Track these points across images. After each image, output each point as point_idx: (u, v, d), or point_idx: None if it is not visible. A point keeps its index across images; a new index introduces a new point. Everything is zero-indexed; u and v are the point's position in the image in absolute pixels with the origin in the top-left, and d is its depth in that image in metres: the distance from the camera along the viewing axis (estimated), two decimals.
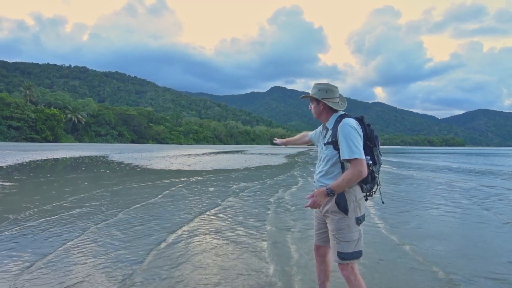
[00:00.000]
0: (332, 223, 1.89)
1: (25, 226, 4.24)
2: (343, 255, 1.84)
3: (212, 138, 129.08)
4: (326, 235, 2.03)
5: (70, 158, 20.20)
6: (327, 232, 2.02)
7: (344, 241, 1.84)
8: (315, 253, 2.16)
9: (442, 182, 10.48)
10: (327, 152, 1.92)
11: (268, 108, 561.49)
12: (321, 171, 1.96)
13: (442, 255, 3.39)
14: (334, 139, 1.86)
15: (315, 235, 2.12)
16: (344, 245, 1.83)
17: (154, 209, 5.47)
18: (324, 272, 2.15)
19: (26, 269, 2.85)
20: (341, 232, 1.84)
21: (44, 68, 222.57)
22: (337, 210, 1.85)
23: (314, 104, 2.00)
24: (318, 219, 2.08)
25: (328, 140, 1.91)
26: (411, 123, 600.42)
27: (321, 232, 2.07)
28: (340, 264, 1.87)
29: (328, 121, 1.97)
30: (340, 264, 1.87)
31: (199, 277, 2.75)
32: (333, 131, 1.88)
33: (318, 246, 2.12)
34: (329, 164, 1.91)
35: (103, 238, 3.78)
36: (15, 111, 65.16)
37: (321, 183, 1.94)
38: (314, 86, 1.99)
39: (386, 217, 5.10)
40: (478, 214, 5.52)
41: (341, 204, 1.84)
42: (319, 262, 2.15)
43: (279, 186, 8.73)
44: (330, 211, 1.88)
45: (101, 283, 2.59)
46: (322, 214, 1.98)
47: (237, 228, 4.33)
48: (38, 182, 8.58)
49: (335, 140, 1.85)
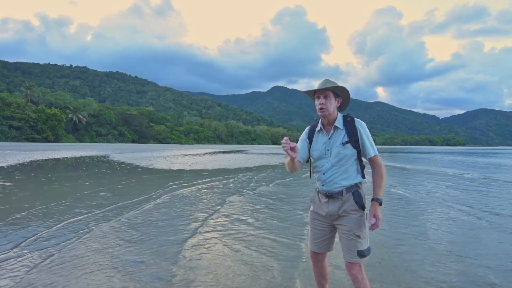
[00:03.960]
0: (350, 222, 1.86)
1: (25, 225, 4.26)
2: (363, 252, 1.84)
3: (213, 138, 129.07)
4: (329, 241, 2.01)
5: (71, 158, 20.23)
6: (331, 238, 2.01)
7: (363, 237, 1.86)
8: (313, 260, 2.10)
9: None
10: (345, 152, 1.87)
11: (269, 107, 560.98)
12: (335, 173, 1.89)
13: (442, 256, 3.39)
14: (354, 137, 1.86)
15: (315, 244, 2.03)
16: (363, 242, 1.85)
17: (160, 209, 5.47)
18: (323, 275, 2.14)
19: (30, 270, 2.86)
20: (361, 229, 1.86)
21: (45, 68, 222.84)
22: (357, 208, 1.86)
23: (330, 99, 1.89)
24: (321, 226, 2.00)
25: (346, 140, 1.87)
26: (412, 122, 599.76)
27: (324, 239, 2.01)
28: (350, 263, 1.86)
29: (336, 121, 1.93)
30: (350, 263, 1.86)
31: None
32: (348, 130, 1.88)
33: (317, 253, 2.06)
34: (348, 163, 1.89)
35: (107, 237, 3.80)
36: (16, 111, 65.22)
37: (338, 185, 1.89)
38: (327, 81, 1.89)
39: (387, 218, 5.09)
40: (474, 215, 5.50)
41: (360, 201, 1.86)
42: (318, 267, 2.11)
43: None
44: (348, 210, 1.87)
45: (105, 283, 2.60)
46: (335, 217, 1.92)
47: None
48: (39, 182, 8.60)
49: (354, 138, 1.86)
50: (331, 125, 1.94)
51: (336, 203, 1.90)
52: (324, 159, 1.93)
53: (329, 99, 1.88)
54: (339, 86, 1.88)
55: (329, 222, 1.97)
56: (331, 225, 1.97)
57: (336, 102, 1.92)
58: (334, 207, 1.90)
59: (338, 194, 1.88)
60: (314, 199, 2.05)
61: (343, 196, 1.88)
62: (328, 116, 1.91)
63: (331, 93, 1.89)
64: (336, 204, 1.90)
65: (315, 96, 1.94)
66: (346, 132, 1.88)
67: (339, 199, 1.88)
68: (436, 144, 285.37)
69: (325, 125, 1.97)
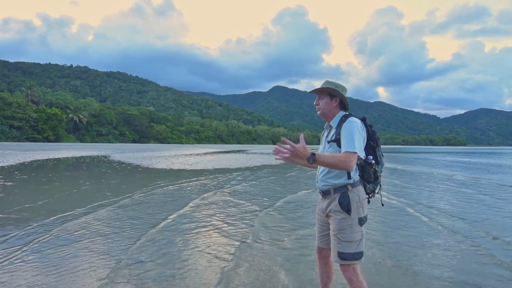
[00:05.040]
0: (334, 222, 1.87)
1: (26, 225, 4.25)
2: (343, 255, 1.82)
3: (213, 137, 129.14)
4: (329, 237, 2.02)
5: (72, 158, 20.25)
6: (329, 234, 2.01)
7: (345, 241, 1.82)
8: (317, 255, 2.14)
9: None
10: (330, 150, 1.89)
11: (270, 107, 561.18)
12: (324, 170, 1.93)
13: (442, 256, 3.38)
14: (338, 136, 1.84)
15: (318, 237, 2.10)
16: (345, 245, 1.82)
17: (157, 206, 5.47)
18: (327, 274, 2.14)
19: (30, 269, 2.85)
20: (343, 232, 1.83)
21: (46, 68, 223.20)
22: (340, 209, 1.84)
23: (327, 100, 1.94)
24: (320, 221, 2.07)
25: (332, 138, 1.89)
26: (412, 122, 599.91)
27: (324, 235, 2.05)
28: (342, 265, 1.86)
29: (333, 120, 1.95)
30: (342, 265, 1.86)
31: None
32: (337, 130, 1.87)
33: (321, 248, 2.10)
34: None
35: (106, 236, 3.80)
36: (17, 111, 65.32)
37: (325, 183, 1.92)
38: (327, 82, 1.94)
39: (386, 218, 5.08)
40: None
41: (344, 203, 1.83)
42: (322, 264, 2.14)
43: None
44: (333, 210, 1.88)
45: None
46: (325, 214, 1.97)
47: None
48: (39, 182, 8.60)
49: (338, 137, 1.84)
50: (329, 123, 2.00)
51: (325, 202, 1.94)
52: None
53: (322, 99, 1.96)
54: (327, 88, 1.90)
55: (325, 219, 2.01)
56: (328, 221, 2.00)
57: (334, 101, 1.94)
58: (324, 205, 1.96)
59: (327, 193, 1.92)
60: (319, 195, 2.10)
61: (331, 195, 1.90)
62: (323, 115, 1.98)
63: (326, 93, 1.94)
64: (325, 203, 1.94)
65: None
66: (336, 131, 1.89)
67: (328, 197, 1.92)
68: (437, 144, 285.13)
69: (326, 123, 2.04)
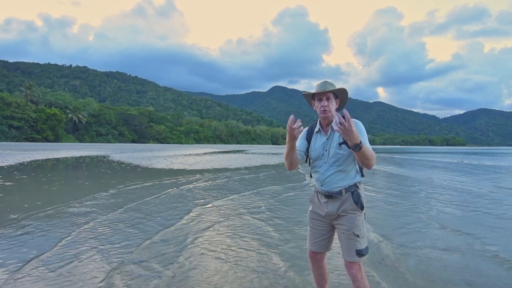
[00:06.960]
0: (348, 221, 1.88)
1: (26, 225, 4.26)
2: (362, 251, 1.86)
3: (213, 137, 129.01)
4: (328, 241, 2.03)
5: (71, 158, 20.23)
6: (329, 238, 2.03)
7: (362, 237, 1.87)
8: (311, 260, 2.11)
9: None
10: (342, 152, 1.87)
11: (269, 107, 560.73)
12: (334, 173, 1.90)
13: (441, 255, 3.39)
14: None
15: (314, 243, 2.05)
16: (362, 241, 1.87)
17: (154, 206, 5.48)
18: (323, 276, 2.14)
19: (22, 266, 2.86)
20: (359, 229, 1.87)
21: (45, 68, 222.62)
22: (355, 207, 1.88)
23: (331, 101, 1.90)
24: (320, 225, 2.02)
25: (341, 140, 1.86)
26: (412, 122, 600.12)
27: (323, 239, 2.03)
28: (350, 263, 1.87)
29: (333, 122, 1.89)
30: (350, 263, 1.87)
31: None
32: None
33: (316, 252, 2.07)
34: (346, 163, 1.89)
35: (105, 235, 3.81)
36: (16, 111, 65.18)
37: (335, 185, 1.90)
38: (327, 83, 1.91)
39: (387, 218, 5.09)
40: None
41: (358, 201, 1.88)
42: (317, 267, 2.12)
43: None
44: (347, 210, 1.89)
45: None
46: (333, 216, 1.94)
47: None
48: (39, 182, 8.60)
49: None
50: (329, 125, 1.94)
51: (335, 203, 1.91)
52: (322, 160, 1.95)
53: (330, 100, 1.90)
54: (340, 89, 1.90)
55: (328, 222, 1.99)
56: (330, 225, 1.99)
57: (336, 103, 1.94)
58: (333, 207, 1.92)
59: (338, 194, 1.90)
60: (313, 199, 2.06)
61: (342, 196, 1.89)
62: (327, 118, 1.93)
63: (332, 95, 1.91)
64: (336, 204, 1.91)
65: (316, 99, 1.93)
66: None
67: (338, 199, 1.90)
68: (436, 144, 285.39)
69: (324, 126, 1.98)
